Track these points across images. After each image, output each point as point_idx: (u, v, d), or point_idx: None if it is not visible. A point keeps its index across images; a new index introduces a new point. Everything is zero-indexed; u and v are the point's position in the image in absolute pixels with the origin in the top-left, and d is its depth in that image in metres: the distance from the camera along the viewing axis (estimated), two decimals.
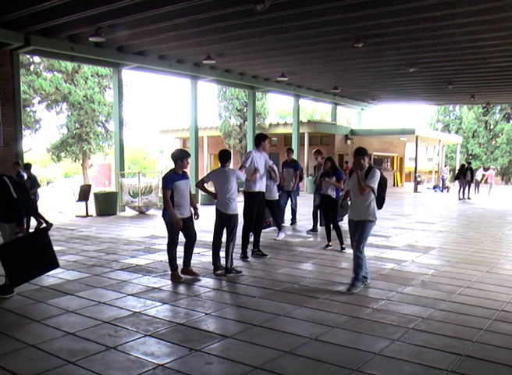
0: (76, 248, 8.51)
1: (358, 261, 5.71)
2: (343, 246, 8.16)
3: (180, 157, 6.08)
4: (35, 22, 10.51)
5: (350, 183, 5.91)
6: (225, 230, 6.61)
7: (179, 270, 6.36)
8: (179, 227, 6.09)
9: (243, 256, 7.50)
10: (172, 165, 6.34)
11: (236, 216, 6.54)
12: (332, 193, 8.38)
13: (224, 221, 6.53)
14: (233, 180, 6.43)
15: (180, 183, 6.05)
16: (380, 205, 5.85)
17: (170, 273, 6.36)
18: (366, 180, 5.62)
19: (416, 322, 4.65)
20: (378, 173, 5.64)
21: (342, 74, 17.83)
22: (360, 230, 5.72)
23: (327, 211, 8.61)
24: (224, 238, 6.64)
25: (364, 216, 5.72)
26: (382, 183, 5.77)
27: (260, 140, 7.81)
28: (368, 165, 5.81)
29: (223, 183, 6.45)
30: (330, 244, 8.47)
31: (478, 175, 25.41)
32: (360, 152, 5.86)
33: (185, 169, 6.24)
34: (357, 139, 26.39)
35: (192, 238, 6.36)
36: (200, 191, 8.81)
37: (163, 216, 6.25)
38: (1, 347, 4.06)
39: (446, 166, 29.35)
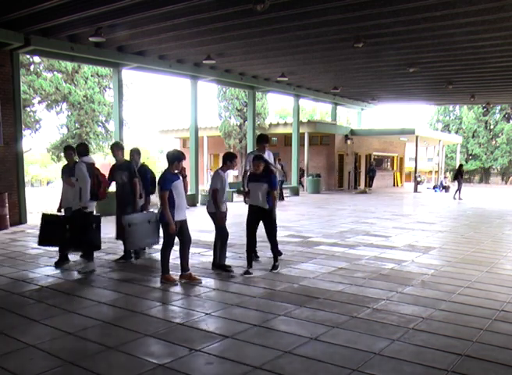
0: None
1: None
2: (277, 265, 6.81)
3: (179, 158, 5.96)
4: (35, 22, 10.50)
5: None
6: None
7: (166, 275, 6.19)
8: (174, 233, 5.95)
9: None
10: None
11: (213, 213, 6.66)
12: (265, 204, 6.59)
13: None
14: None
15: (178, 183, 5.92)
16: None
17: (161, 275, 6.10)
18: None
19: (416, 322, 4.65)
20: None
21: (342, 74, 17.82)
22: None
23: (256, 226, 6.78)
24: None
25: None
26: None
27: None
28: None
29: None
30: (250, 271, 6.60)
31: None
32: None
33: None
34: (357, 139, 26.39)
35: (188, 241, 6.20)
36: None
37: (161, 218, 5.96)
38: (1, 347, 4.06)
39: (445, 177, 29.32)
